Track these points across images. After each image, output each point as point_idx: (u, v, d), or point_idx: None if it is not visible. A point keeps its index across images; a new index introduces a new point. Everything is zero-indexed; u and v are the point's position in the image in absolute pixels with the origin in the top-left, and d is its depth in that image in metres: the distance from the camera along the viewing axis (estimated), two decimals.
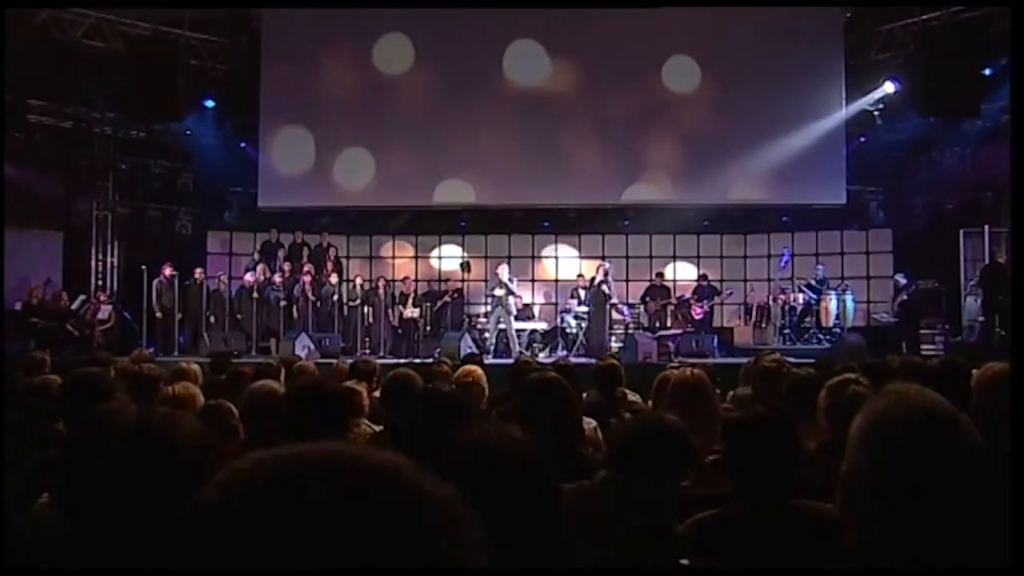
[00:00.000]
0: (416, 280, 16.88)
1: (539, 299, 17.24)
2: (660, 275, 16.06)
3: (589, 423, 4.23)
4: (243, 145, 15.76)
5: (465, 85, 15.42)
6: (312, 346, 13.63)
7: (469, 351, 13.22)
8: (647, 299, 15.85)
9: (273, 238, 16.34)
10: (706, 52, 15.19)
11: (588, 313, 14.33)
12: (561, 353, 14.74)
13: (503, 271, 14.33)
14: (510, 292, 14.35)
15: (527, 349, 15.13)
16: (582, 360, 12.76)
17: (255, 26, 15.34)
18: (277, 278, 15.18)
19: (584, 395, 5.06)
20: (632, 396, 5.26)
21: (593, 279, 14.19)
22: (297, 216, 16.39)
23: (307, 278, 15.15)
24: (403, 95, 15.57)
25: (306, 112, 15.62)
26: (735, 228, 16.75)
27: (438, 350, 13.26)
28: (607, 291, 13.70)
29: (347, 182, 15.79)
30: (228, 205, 15.99)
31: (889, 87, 14.73)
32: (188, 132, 14.99)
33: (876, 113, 15.17)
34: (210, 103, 15.10)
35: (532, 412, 3.32)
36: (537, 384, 3.50)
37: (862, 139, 15.35)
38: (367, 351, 15.02)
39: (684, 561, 2.37)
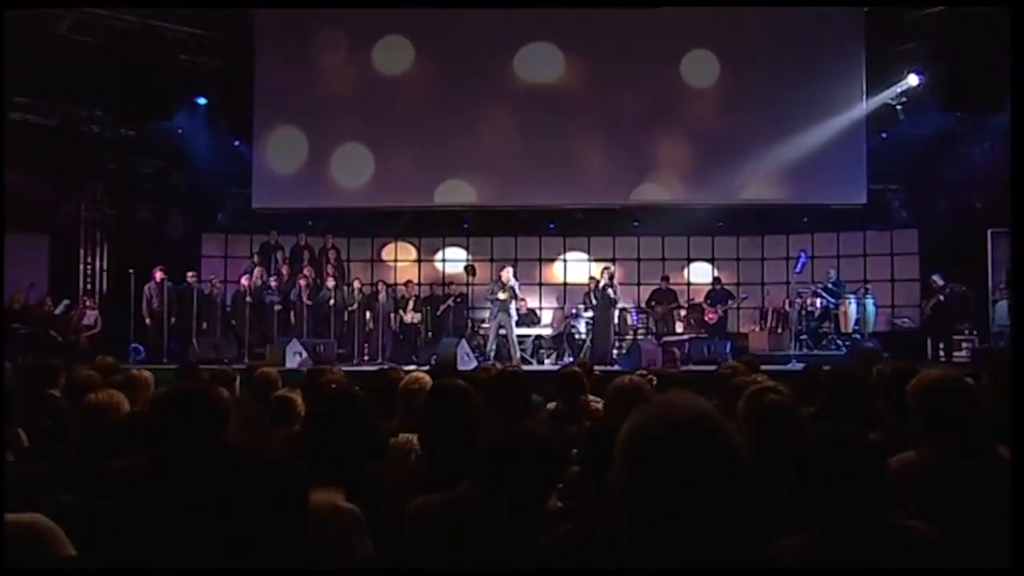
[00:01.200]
0: (419, 284, 16.72)
1: (547, 303, 17.02)
2: (666, 278, 15.85)
3: None
4: (237, 144, 15.61)
5: (466, 81, 15.24)
6: (304, 353, 13.37)
7: (466, 358, 13.07)
8: (652, 303, 15.64)
9: (272, 240, 16.18)
10: (725, 45, 14.95)
11: (593, 318, 14.07)
12: (568, 360, 14.50)
13: (507, 274, 14.02)
14: (515, 296, 14.05)
15: (532, 356, 14.87)
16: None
17: (248, 21, 15.16)
18: (273, 281, 15.00)
19: (550, 404, 5.31)
20: (597, 404, 5.14)
21: (598, 283, 13.88)
22: (296, 217, 16.25)
23: (303, 282, 14.93)
24: (402, 93, 15.39)
25: (302, 110, 15.47)
26: (752, 229, 16.48)
27: (434, 356, 13.10)
28: (612, 295, 13.40)
29: (345, 182, 15.62)
30: (222, 206, 15.82)
31: (912, 79, 14.30)
32: (179, 131, 14.83)
33: (899, 107, 14.78)
34: (202, 100, 14.94)
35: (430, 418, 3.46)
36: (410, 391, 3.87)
37: (883, 135, 14.95)
38: (366, 357, 14.91)
39: None
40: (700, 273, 16.64)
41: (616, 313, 14.56)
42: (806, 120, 14.58)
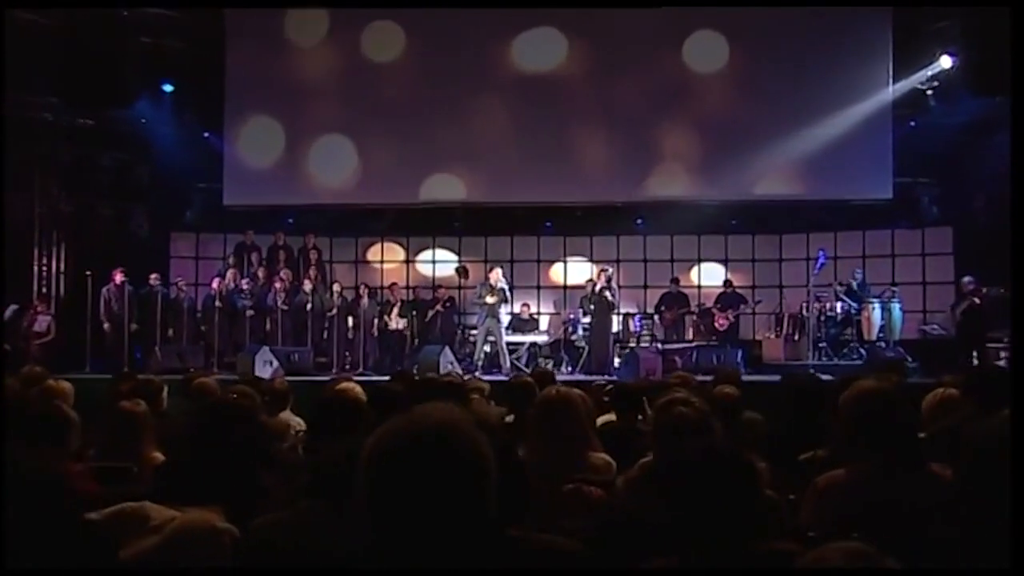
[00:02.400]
0: (407, 287, 16.74)
1: (545, 308, 16.97)
2: (676, 281, 15.77)
3: None
4: (207, 135, 15.59)
5: (456, 68, 15.24)
6: (276, 362, 13.33)
7: (450, 367, 12.99)
8: (662, 308, 15.54)
9: (248, 240, 16.16)
10: (734, 25, 14.86)
11: (590, 325, 14.03)
12: (566, 370, 14.41)
13: (496, 275, 13.98)
14: (505, 299, 13.98)
15: (528, 364, 14.76)
16: (581, 377, 12.37)
17: None
18: (246, 285, 14.96)
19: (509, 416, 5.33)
20: None
21: (595, 286, 13.78)
22: (273, 215, 16.27)
23: (279, 285, 14.89)
24: (388, 79, 15.38)
25: (278, 98, 15.50)
26: (768, 227, 16.37)
27: (416, 366, 13.06)
28: (610, 298, 13.33)
29: (325, 177, 15.64)
30: (190, 203, 15.81)
31: (945, 61, 14.10)
32: (143, 120, 14.80)
33: (929, 92, 14.59)
34: (167, 87, 14.89)
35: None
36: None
37: (912, 123, 14.78)
38: (347, 367, 14.83)
39: None
40: (711, 275, 16.55)
41: (616, 319, 14.54)
42: (826, 107, 14.46)
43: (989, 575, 2.15)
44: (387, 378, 8.38)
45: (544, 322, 16.54)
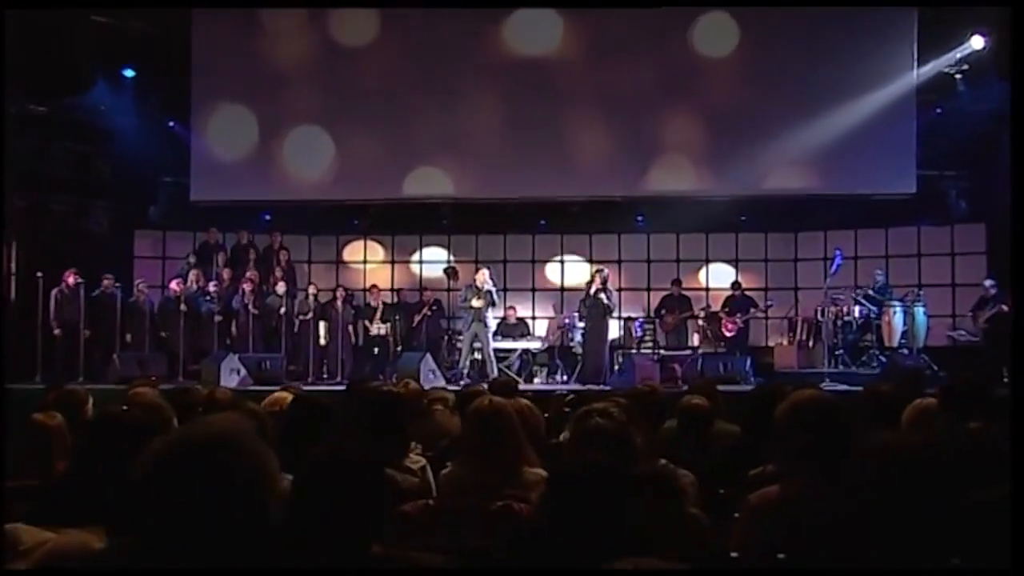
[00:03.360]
0: (392, 289, 16.76)
1: (541, 312, 16.99)
2: (677, 282, 15.77)
3: (417, 462, 4.45)
4: (172, 125, 15.53)
5: (444, 52, 15.12)
6: (243, 370, 13.33)
7: (432, 375, 12.93)
8: (662, 312, 15.54)
9: (212, 239, 16.14)
10: (745, 5, 14.74)
11: (584, 331, 13.97)
12: (561, 378, 14.46)
13: (483, 276, 13.92)
14: (492, 303, 13.90)
15: (520, 373, 14.72)
16: (576, 387, 12.27)
17: None
18: (212, 287, 14.89)
19: None
20: None
21: (589, 288, 13.67)
22: (244, 212, 16.24)
23: (248, 286, 14.84)
24: (369, 65, 15.33)
25: (249, 85, 15.42)
26: (782, 225, 16.35)
27: (395, 375, 13.05)
28: (606, 302, 13.23)
29: (300, 170, 15.58)
30: (155, 198, 15.70)
31: (977, 42, 13.92)
32: (102, 108, 14.68)
33: (958, 76, 14.40)
34: (129, 72, 14.81)
35: None
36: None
37: (938, 110, 14.64)
38: (325, 375, 14.92)
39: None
40: (720, 276, 16.51)
41: (615, 324, 14.47)
42: (844, 93, 14.33)
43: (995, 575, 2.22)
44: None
45: (541, 327, 16.52)
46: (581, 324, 14.48)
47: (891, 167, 14.49)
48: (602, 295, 13.25)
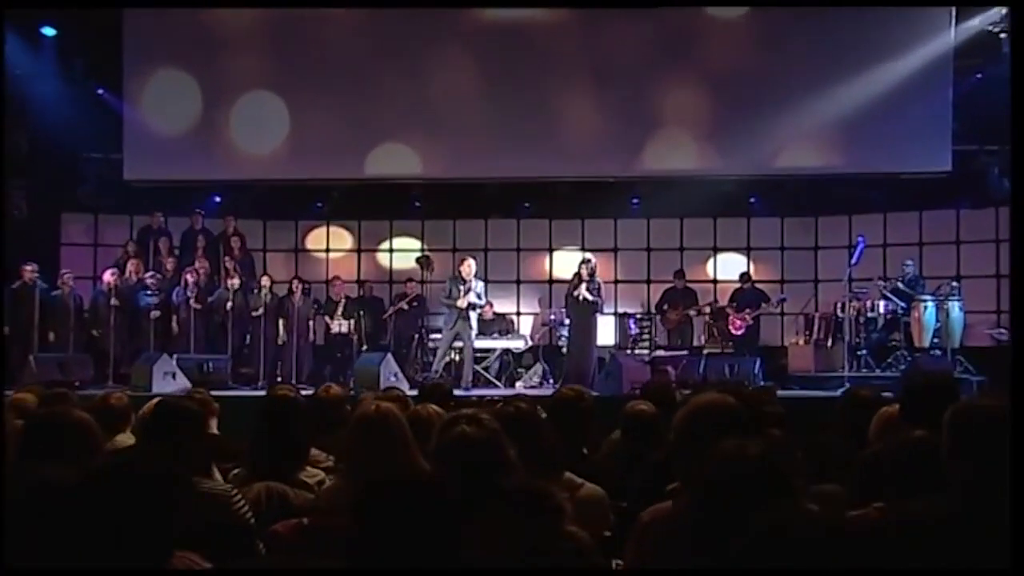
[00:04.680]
0: (358, 280, 16.71)
1: (527, 307, 17.09)
2: (681, 274, 15.80)
3: (315, 475, 4.51)
4: (101, 92, 15.38)
5: (409, 14, 15.01)
6: (178, 372, 13.10)
7: (393, 378, 12.69)
8: (664, 307, 15.55)
9: (155, 223, 16.07)
10: None
11: (568, 328, 13.91)
12: (547, 381, 14.45)
13: (470, 267, 13.71)
14: (477, 300, 13.70)
15: (500, 375, 14.82)
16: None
17: None
18: (150, 279, 14.74)
19: None
20: None
21: (573, 280, 13.48)
22: (189, 193, 16.19)
23: (190, 278, 14.68)
24: (327, 24, 15.30)
25: (190, 47, 15.31)
26: (800, 208, 16.40)
27: (353, 378, 13.10)
28: (592, 297, 13.11)
29: (249, 145, 15.50)
30: (83, 177, 15.48)
31: None
32: (17, 72, 14.40)
33: (1003, 36, 14.09)
34: (49, 30, 14.63)
35: None
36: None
37: (978, 75, 14.39)
38: (279, 378, 14.68)
39: None
40: (731, 266, 16.59)
41: (612, 319, 14.54)
42: (869, 58, 14.24)
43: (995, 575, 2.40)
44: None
45: (526, 324, 16.55)
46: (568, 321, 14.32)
47: (924, 141, 14.39)
48: (582, 288, 13.03)
